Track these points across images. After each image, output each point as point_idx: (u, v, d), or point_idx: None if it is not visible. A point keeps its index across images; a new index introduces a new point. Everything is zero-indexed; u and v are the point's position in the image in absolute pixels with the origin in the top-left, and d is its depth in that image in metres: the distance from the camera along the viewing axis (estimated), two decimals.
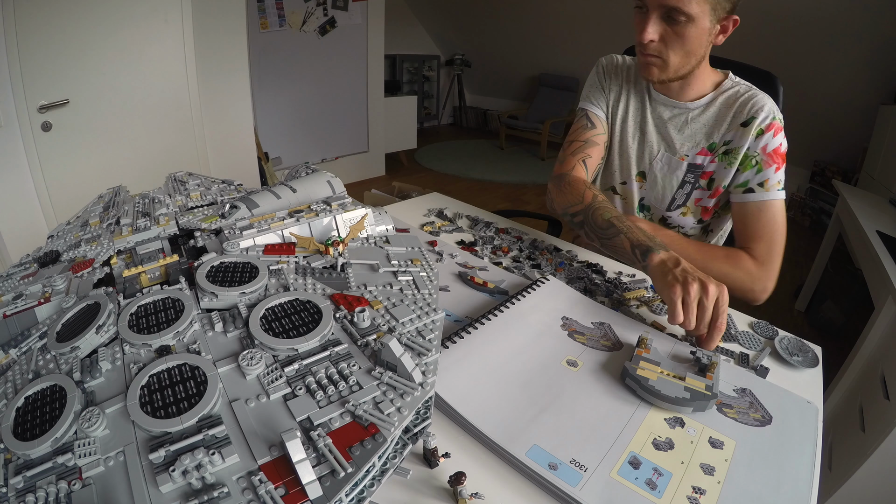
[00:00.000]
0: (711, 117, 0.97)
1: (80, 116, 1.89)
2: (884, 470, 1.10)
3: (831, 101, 3.40)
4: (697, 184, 1.00)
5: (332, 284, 0.55)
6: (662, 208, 1.05)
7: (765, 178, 0.92)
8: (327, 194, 0.75)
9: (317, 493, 0.32)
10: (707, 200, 1.01)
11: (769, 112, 0.92)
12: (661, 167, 1.03)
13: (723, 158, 0.96)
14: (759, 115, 0.92)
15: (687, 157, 1.00)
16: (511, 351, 0.64)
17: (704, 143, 0.98)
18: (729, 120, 0.95)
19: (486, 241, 1.01)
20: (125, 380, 0.40)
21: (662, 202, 1.05)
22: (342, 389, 0.40)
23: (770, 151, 0.92)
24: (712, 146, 0.98)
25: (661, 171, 1.03)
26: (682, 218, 1.04)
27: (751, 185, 0.94)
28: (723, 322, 0.65)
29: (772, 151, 0.92)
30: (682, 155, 1.00)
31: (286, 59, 3.42)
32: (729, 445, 0.52)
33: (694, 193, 1.01)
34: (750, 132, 0.92)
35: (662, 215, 1.06)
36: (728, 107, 0.96)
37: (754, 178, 0.93)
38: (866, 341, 1.39)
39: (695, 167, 1.00)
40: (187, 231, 0.66)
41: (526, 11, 4.94)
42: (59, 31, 1.76)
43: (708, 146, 0.98)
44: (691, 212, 1.03)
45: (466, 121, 6.43)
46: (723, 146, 0.96)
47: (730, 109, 0.95)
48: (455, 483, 0.44)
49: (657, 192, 1.05)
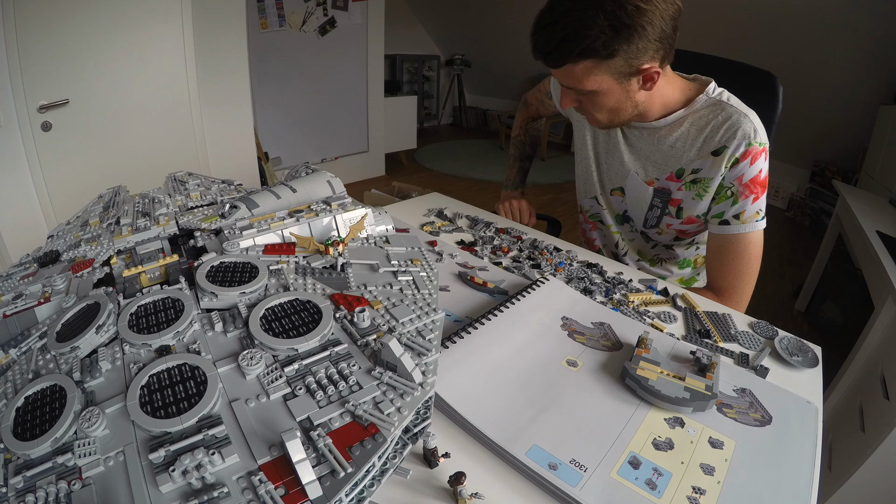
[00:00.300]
0: (680, 139, 0.91)
1: (80, 116, 1.89)
2: (884, 470, 1.10)
3: (831, 101, 3.40)
4: (666, 209, 0.97)
5: (332, 284, 0.55)
6: (640, 224, 1.06)
7: (741, 210, 0.87)
8: (327, 194, 0.75)
9: (317, 493, 0.32)
10: (680, 226, 0.99)
11: (744, 138, 0.84)
12: (631, 188, 1.02)
13: (690, 188, 0.92)
14: (732, 144, 0.85)
15: (656, 181, 0.96)
16: (511, 351, 0.64)
17: (673, 168, 0.93)
18: (699, 146, 0.89)
19: (486, 241, 1.01)
20: (125, 380, 0.40)
21: (639, 220, 1.05)
22: (342, 389, 0.40)
23: (747, 181, 0.86)
24: (680, 172, 0.92)
25: (632, 192, 1.02)
26: (658, 236, 1.05)
27: (726, 216, 0.89)
28: None
29: (749, 181, 0.86)
30: (650, 178, 0.97)
31: (286, 59, 3.42)
32: (729, 445, 0.52)
33: (664, 218, 0.99)
34: (722, 163, 0.86)
35: (642, 230, 1.07)
36: (699, 130, 0.89)
37: (730, 210, 0.88)
38: (866, 341, 1.39)
39: (662, 192, 0.96)
40: (187, 231, 0.66)
41: (526, 11, 4.94)
42: (59, 31, 1.76)
43: (676, 172, 0.93)
44: (665, 232, 1.03)
45: (466, 121, 6.43)
46: (690, 174, 0.91)
47: (700, 133, 0.88)
48: (455, 483, 0.44)
49: (633, 209, 1.05)
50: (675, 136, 0.91)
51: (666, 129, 0.92)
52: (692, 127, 0.90)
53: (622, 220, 1.10)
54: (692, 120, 0.90)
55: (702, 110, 0.89)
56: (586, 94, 0.85)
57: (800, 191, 3.79)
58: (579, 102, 0.88)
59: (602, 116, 0.89)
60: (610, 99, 0.84)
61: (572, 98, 0.88)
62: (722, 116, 0.86)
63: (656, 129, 0.93)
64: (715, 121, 0.87)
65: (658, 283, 0.88)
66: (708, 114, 0.88)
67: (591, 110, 0.89)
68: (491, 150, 5.43)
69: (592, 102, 0.86)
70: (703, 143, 0.88)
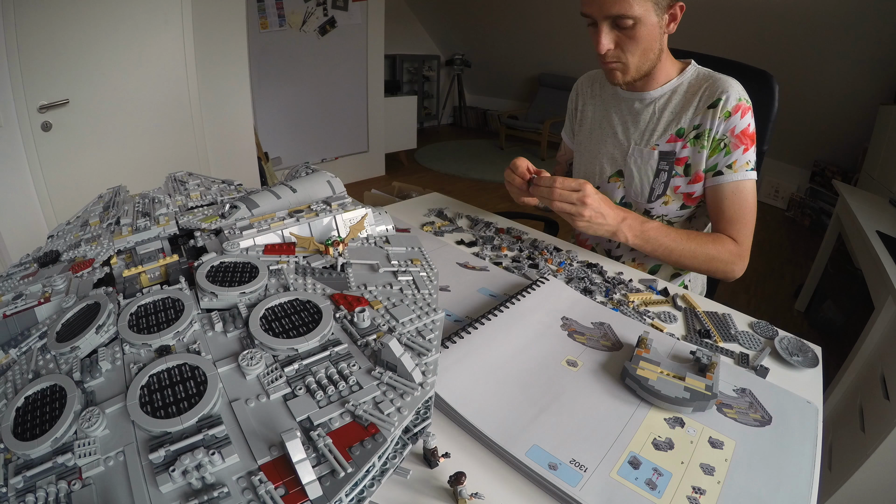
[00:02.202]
0: (678, 103, 0.99)
1: (80, 116, 1.89)
2: (884, 470, 1.10)
3: (831, 101, 3.40)
4: (673, 170, 1.01)
5: (332, 284, 0.55)
6: (643, 201, 1.06)
7: (733, 160, 0.94)
8: (327, 194, 0.75)
9: (317, 493, 0.32)
10: (688, 187, 1.01)
11: (735, 93, 0.93)
12: (634, 160, 1.05)
13: (694, 143, 0.98)
14: (724, 97, 0.93)
15: (658, 146, 1.01)
16: (511, 351, 0.64)
17: (673, 129, 1.00)
18: (696, 104, 0.97)
19: (486, 241, 1.01)
20: (125, 380, 0.40)
21: (642, 195, 1.06)
22: (342, 389, 0.40)
23: (738, 133, 0.93)
24: (680, 131, 0.99)
25: (636, 164, 1.05)
26: (664, 207, 1.05)
27: (720, 167, 0.96)
28: None
29: (740, 133, 0.93)
30: (652, 144, 1.02)
31: (286, 59, 3.42)
32: (729, 445, 0.52)
33: (672, 181, 1.02)
34: (717, 114, 0.94)
35: (644, 208, 1.07)
36: (694, 92, 0.98)
37: (723, 161, 0.95)
38: (866, 341, 1.39)
39: (666, 154, 1.01)
40: (187, 231, 0.66)
41: (526, 11, 4.94)
42: (59, 31, 1.76)
43: (676, 132, 0.99)
44: (673, 199, 1.04)
45: (466, 121, 6.43)
46: (693, 130, 0.98)
47: (696, 94, 0.97)
48: (455, 483, 0.44)
49: (635, 186, 1.06)
50: (675, 101, 1.00)
51: (665, 97, 1.01)
52: (688, 91, 0.99)
53: None
54: (686, 85, 0.99)
55: (693, 79, 0.99)
56: (628, 29, 0.89)
57: (800, 191, 3.79)
58: (616, 43, 0.92)
59: (634, 59, 0.93)
60: (648, 33, 0.90)
61: (613, 37, 0.92)
62: (713, 80, 0.97)
63: (656, 97, 1.01)
64: (707, 83, 0.97)
65: (658, 283, 0.88)
66: (700, 80, 0.98)
67: (627, 50, 0.92)
68: (491, 150, 5.42)
69: (631, 38, 0.90)
70: (699, 101, 0.97)
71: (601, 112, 1.12)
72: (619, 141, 1.07)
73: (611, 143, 1.09)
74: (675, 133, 0.99)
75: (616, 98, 1.08)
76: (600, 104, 1.13)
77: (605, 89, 1.12)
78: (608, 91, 1.11)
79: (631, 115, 1.05)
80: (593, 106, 1.14)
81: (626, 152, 1.06)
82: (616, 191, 1.10)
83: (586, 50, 0.92)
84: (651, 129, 1.03)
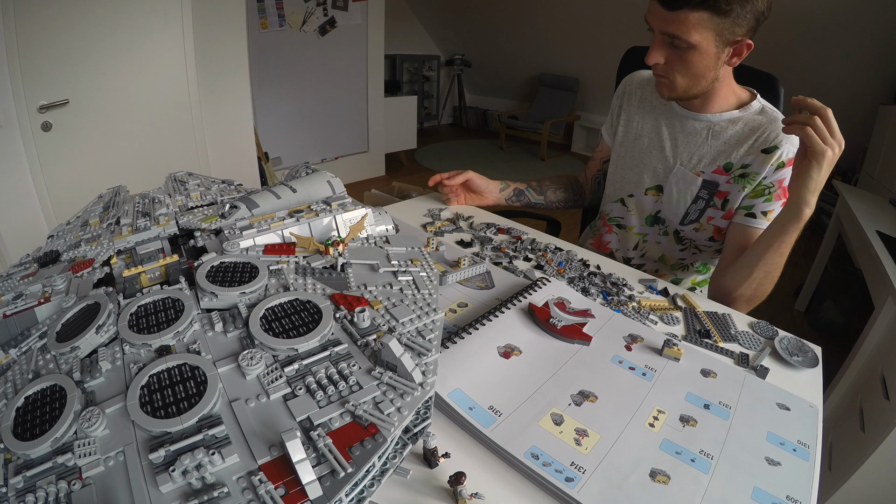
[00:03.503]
0: (733, 137, 0.96)
1: (80, 116, 1.89)
2: (884, 470, 1.10)
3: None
4: (712, 202, 1.00)
5: (332, 284, 0.55)
6: (676, 222, 1.05)
7: (770, 209, 0.94)
8: (327, 194, 0.75)
9: (317, 493, 0.32)
10: (721, 221, 1.00)
11: (792, 146, 0.90)
12: (676, 181, 1.03)
13: (738, 181, 0.96)
14: (782, 147, 0.91)
15: (703, 174, 1.00)
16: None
17: (722, 161, 0.97)
18: (750, 143, 0.94)
19: (486, 241, 1.01)
20: (125, 380, 0.40)
21: (676, 216, 1.05)
22: (342, 389, 0.40)
23: (784, 186, 0.92)
24: (728, 166, 0.97)
25: (678, 184, 1.03)
26: (694, 234, 1.05)
27: (754, 210, 0.95)
28: None
29: (786, 186, 0.92)
30: (698, 171, 1.00)
31: (286, 59, 3.42)
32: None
33: (707, 211, 1.01)
34: (770, 161, 0.92)
35: (676, 228, 1.07)
36: (752, 130, 0.94)
37: (760, 206, 0.94)
38: (866, 341, 1.39)
39: (710, 184, 0.99)
40: (187, 231, 0.66)
41: (526, 11, 4.94)
42: (59, 31, 1.76)
43: (724, 165, 0.97)
44: (703, 229, 1.03)
45: (466, 121, 6.43)
46: (740, 168, 0.95)
47: (753, 133, 0.94)
48: (455, 483, 0.44)
49: (672, 205, 1.05)
50: (731, 132, 0.96)
51: (721, 125, 0.97)
52: (745, 127, 0.95)
53: (653, 222, 1.11)
54: (746, 121, 0.96)
55: (756, 115, 0.96)
56: (682, 51, 0.86)
57: None
58: (667, 59, 0.90)
59: (683, 81, 0.91)
60: (702, 61, 0.86)
61: (665, 53, 0.89)
62: (772, 124, 0.93)
63: (713, 122, 0.98)
64: (767, 125, 0.93)
65: (658, 283, 0.88)
66: (760, 118, 0.95)
67: (677, 69, 0.90)
68: (491, 150, 5.43)
69: (683, 61, 0.87)
70: (755, 141, 0.94)
71: (651, 121, 1.08)
72: (666, 156, 1.04)
73: (656, 157, 1.06)
74: (724, 166, 0.97)
75: (670, 111, 1.04)
76: (650, 112, 1.08)
77: (656, 97, 1.07)
78: (660, 100, 1.06)
79: (683, 133, 1.02)
80: (642, 112, 1.10)
81: (669, 169, 1.04)
82: (652, 204, 1.09)
83: (586, 50, 0.91)
84: (700, 155, 1.00)
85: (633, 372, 0.62)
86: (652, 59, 0.89)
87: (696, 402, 0.58)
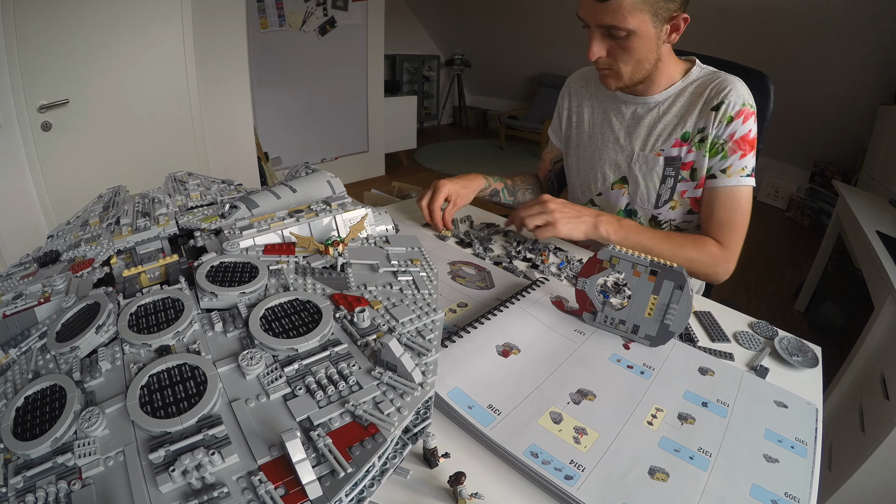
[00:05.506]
0: (682, 107, 0.97)
1: (80, 116, 1.89)
2: (884, 470, 1.10)
3: (831, 101, 3.39)
4: (679, 175, 1.00)
5: (332, 284, 0.55)
6: (650, 207, 1.05)
7: (727, 165, 0.93)
8: (327, 194, 0.75)
9: (317, 493, 0.32)
10: (694, 192, 1.00)
11: (739, 97, 0.90)
12: (639, 167, 1.03)
13: (699, 147, 0.96)
14: (728, 100, 0.91)
15: (662, 152, 1.00)
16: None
17: (678, 134, 0.97)
18: (700, 106, 0.94)
19: (486, 241, 1.01)
20: (125, 380, 0.40)
21: (649, 201, 1.04)
22: (342, 389, 0.40)
23: (737, 139, 0.91)
24: (685, 135, 0.96)
25: (641, 171, 1.03)
26: (671, 212, 1.04)
27: (713, 171, 0.95)
28: None
29: (739, 139, 0.91)
30: (657, 150, 1.00)
31: (286, 59, 3.42)
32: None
33: (678, 186, 1.01)
34: (719, 117, 0.92)
35: (651, 214, 1.06)
36: (698, 94, 0.95)
37: (717, 165, 0.94)
38: (866, 341, 1.39)
39: (672, 160, 0.99)
40: (187, 231, 0.66)
41: (526, 11, 4.94)
42: (59, 31, 1.76)
43: (681, 136, 0.97)
44: (680, 204, 1.02)
45: (466, 121, 6.43)
46: (697, 134, 0.95)
47: (700, 96, 0.95)
48: (455, 483, 0.44)
49: (641, 192, 1.04)
50: (679, 104, 0.97)
51: (668, 102, 0.98)
52: (693, 94, 0.96)
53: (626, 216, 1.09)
54: (692, 88, 0.97)
55: (699, 79, 0.97)
56: (622, 39, 0.86)
57: (800, 191, 3.79)
58: (608, 51, 0.90)
59: (627, 69, 0.91)
60: (643, 44, 0.87)
61: (605, 45, 0.89)
62: (719, 80, 0.94)
63: (660, 102, 0.99)
64: (712, 84, 0.94)
65: None
66: (704, 81, 0.96)
67: (620, 59, 0.90)
68: (491, 150, 5.42)
69: (624, 49, 0.88)
70: (704, 103, 0.94)
71: (600, 115, 1.09)
72: (622, 146, 1.04)
73: (612, 149, 1.06)
74: (681, 137, 0.97)
75: (615, 101, 1.05)
76: (598, 106, 1.09)
77: (601, 90, 1.09)
78: (605, 93, 1.07)
79: (633, 119, 1.02)
80: (590, 107, 1.11)
81: (629, 158, 1.04)
82: (621, 198, 1.08)
83: (586, 50, 0.91)
84: (655, 135, 1.00)
85: (632, 370, 0.62)
86: (594, 54, 0.90)
87: (695, 400, 0.58)
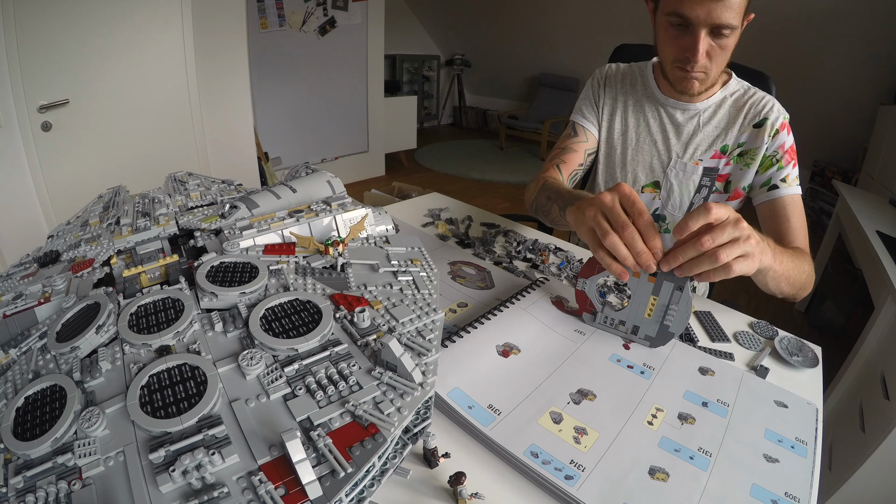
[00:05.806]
0: (723, 119, 0.98)
1: (80, 116, 1.89)
2: (884, 470, 1.10)
3: (831, 101, 3.40)
4: (714, 187, 1.00)
5: (332, 284, 0.55)
6: (680, 215, 1.04)
7: (785, 174, 0.94)
8: (327, 194, 0.75)
9: (317, 493, 0.32)
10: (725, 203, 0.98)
11: (779, 111, 0.94)
12: (675, 174, 1.02)
13: (738, 160, 0.98)
14: (771, 116, 0.94)
15: (701, 161, 1.00)
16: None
17: (718, 146, 0.99)
18: (741, 122, 0.96)
19: (486, 241, 1.01)
20: (125, 380, 0.40)
21: (681, 209, 1.04)
22: (342, 389, 0.40)
23: (787, 149, 0.94)
24: (725, 148, 0.98)
25: (677, 177, 1.02)
26: None
27: (774, 181, 0.95)
28: None
29: (788, 149, 0.94)
30: (696, 159, 1.00)
31: (286, 59, 3.42)
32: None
33: (711, 197, 1.01)
34: (764, 133, 0.94)
35: None
36: (738, 108, 0.97)
37: (777, 175, 0.95)
38: (866, 341, 1.39)
39: (710, 170, 1.00)
40: (187, 231, 0.66)
41: (526, 11, 4.94)
42: (59, 31, 1.76)
43: (721, 148, 0.98)
44: None
45: (466, 121, 6.43)
46: (737, 148, 0.97)
47: (740, 111, 0.96)
48: (455, 483, 0.44)
49: (674, 199, 1.04)
50: (720, 116, 0.98)
51: (709, 112, 0.99)
52: (732, 108, 0.98)
53: None
54: (731, 101, 0.98)
55: (737, 92, 0.98)
56: (722, 39, 0.83)
57: None
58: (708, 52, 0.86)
59: (716, 69, 0.89)
60: (733, 43, 0.86)
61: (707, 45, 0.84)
62: (756, 96, 0.97)
63: (701, 110, 0.99)
64: (751, 100, 0.96)
65: None
66: (742, 95, 0.98)
67: (716, 60, 0.87)
68: (491, 150, 5.42)
69: (722, 48, 0.85)
70: (744, 119, 0.97)
71: (637, 114, 1.05)
72: (659, 150, 1.03)
73: (648, 152, 1.04)
74: (720, 150, 0.98)
75: (654, 102, 1.03)
76: (635, 105, 1.05)
77: (636, 89, 1.05)
78: (641, 92, 1.04)
79: (673, 125, 1.01)
80: (624, 103, 1.06)
81: (665, 164, 1.03)
82: (651, 202, 1.06)
83: (587, 50, 0.91)
84: (695, 143, 1.00)
85: (632, 370, 0.62)
86: (703, 55, 0.84)
87: (695, 400, 0.58)
